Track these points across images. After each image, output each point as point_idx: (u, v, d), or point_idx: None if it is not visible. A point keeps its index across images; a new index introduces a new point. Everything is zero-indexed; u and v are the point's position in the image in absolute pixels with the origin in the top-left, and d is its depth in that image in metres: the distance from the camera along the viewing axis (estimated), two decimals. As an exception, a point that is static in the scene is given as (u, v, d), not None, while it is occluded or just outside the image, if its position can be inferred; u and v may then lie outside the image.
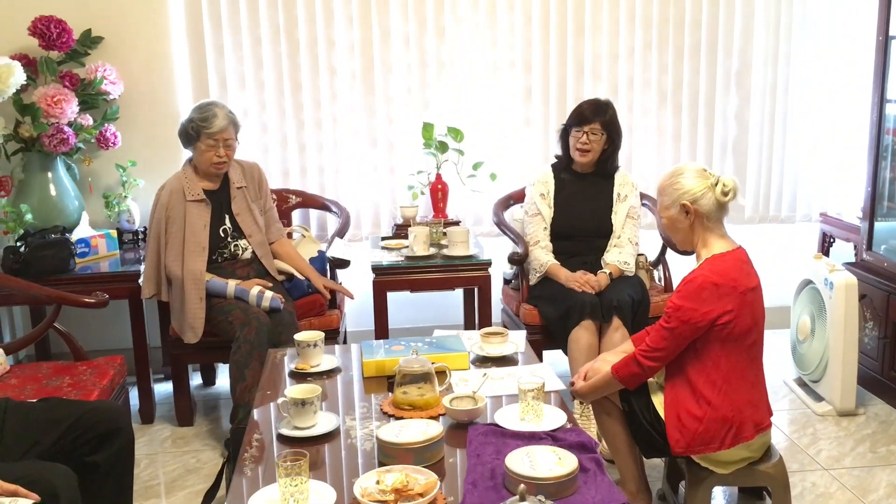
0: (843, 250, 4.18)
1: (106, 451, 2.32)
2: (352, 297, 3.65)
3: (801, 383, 3.84)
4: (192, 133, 3.33)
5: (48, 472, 1.99)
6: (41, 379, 2.95)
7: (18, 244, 3.47)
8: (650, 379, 2.49)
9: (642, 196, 4.01)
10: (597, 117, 3.52)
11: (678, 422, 2.39)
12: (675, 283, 3.66)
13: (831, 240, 4.23)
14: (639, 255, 3.67)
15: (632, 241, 3.57)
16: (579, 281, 3.39)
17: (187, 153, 3.48)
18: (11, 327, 4.00)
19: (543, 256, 3.54)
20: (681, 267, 3.32)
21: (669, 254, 3.79)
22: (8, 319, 3.97)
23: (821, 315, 3.57)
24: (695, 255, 2.50)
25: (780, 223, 4.56)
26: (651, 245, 3.90)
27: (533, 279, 3.59)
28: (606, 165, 3.62)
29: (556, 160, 3.72)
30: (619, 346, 2.76)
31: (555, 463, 1.86)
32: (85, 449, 2.30)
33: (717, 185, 2.43)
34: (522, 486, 1.64)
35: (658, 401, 2.46)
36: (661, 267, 3.88)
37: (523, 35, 4.22)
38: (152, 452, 3.40)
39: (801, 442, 3.34)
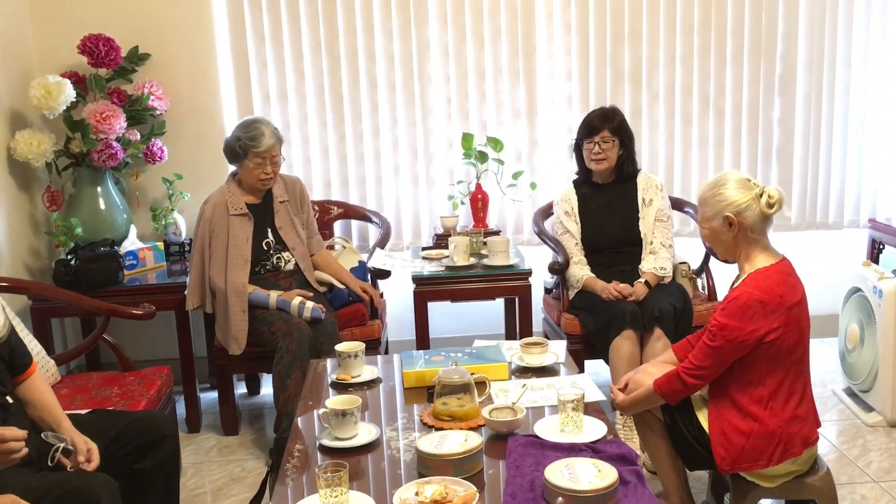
0: (894, 257, 4.09)
1: (151, 458, 2.37)
2: (378, 303, 3.67)
3: (851, 393, 3.76)
4: (239, 151, 3.39)
5: (90, 481, 2.04)
6: (91, 389, 3.02)
7: (69, 257, 3.56)
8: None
9: (684, 203, 3.98)
10: (605, 125, 3.53)
11: (724, 438, 2.34)
12: (719, 290, 3.64)
13: (881, 246, 4.14)
14: (681, 263, 3.63)
15: (665, 245, 3.54)
16: (608, 290, 3.38)
17: (231, 166, 3.54)
18: (63, 338, 4.10)
19: (579, 272, 3.54)
20: (724, 275, 3.28)
21: (713, 261, 3.74)
22: (59, 331, 4.06)
23: (870, 323, 3.50)
24: (737, 266, 2.45)
25: (827, 229, 4.48)
26: (694, 253, 3.86)
27: (571, 293, 3.58)
28: (624, 170, 3.60)
29: (575, 176, 3.72)
30: (661, 357, 2.73)
31: (594, 475, 1.85)
32: (131, 457, 2.35)
33: (762, 196, 2.35)
34: (561, 499, 1.64)
35: (702, 415, 2.42)
36: (704, 275, 3.83)
37: (563, 43, 4.21)
38: (198, 461, 3.45)
39: (851, 453, 3.27)
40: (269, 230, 3.51)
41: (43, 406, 2.29)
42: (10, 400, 2.24)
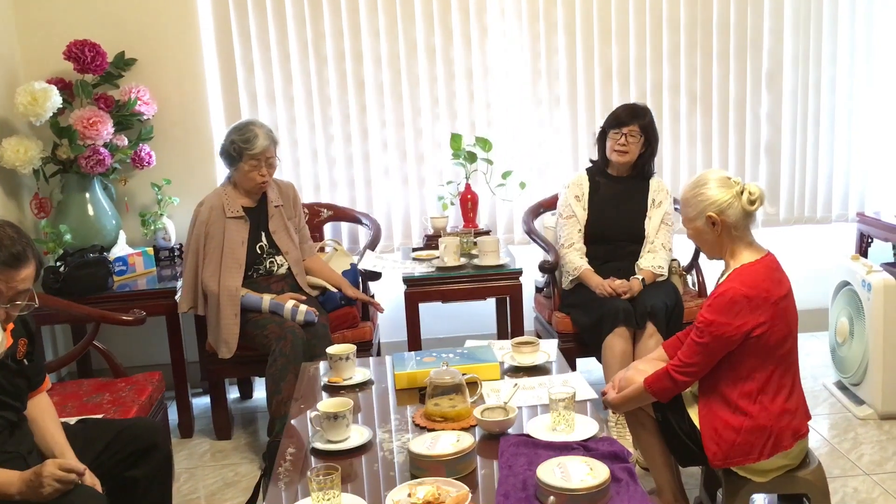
0: (882, 250, 4.11)
1: (143, 466, 2.36)
2: (381, 311, 3.67)
3: (842, 386, 3.77)
4: (234, 154, 3.38)
5: (78, 497, 2.02)
6: (82, 396, 3.01)
7: (58, 264, 3.55)
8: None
9: (674, 200, 3.99)
10: (635, 120, 3.54)
11: (715, 434, 2.35)
12: (709, 287, 3.65)
13: (869, 240, 4.16)
14: (672, 260, 3.65)
15: (665, 247, 3.56)
16: (603, 286, 3.39)
17: (221, 170, 3.54)
18: (53, 345, 4.09)
19: (577, 260, 3.54)
20: (714, 271, 3.29)
21: (702, 258, 3.75)
22: (50, 338, 4.05)
23: (859, 317, 3.52)
24: (723, 262, 2.46)
25: (815, 224, 4.50)
26: (684, 250, 3.87)
27: (566, 283, 3.58)
28: (643, 169, 3.62)
29: (591, 164, 3.73)
30: (651, 354, 2.74)
31: (586, 473, 1.85)
32: (123, 465, 2.34)
33: (742, 193, 2.36)
34: (552, 498, 1.64)
35: (693, 411, 2.43)
36: (694, 272, 3.85)
37: (550, 43, 4.22)
38: (192, 466, 3.45)
39: (843, 447, 3.29)
40: (264, 234, 3.51)
41: (46, 431, 2.27)
42: (22, 416, 2.24)
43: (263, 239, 3.50)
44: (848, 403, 3.63)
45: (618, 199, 3.62)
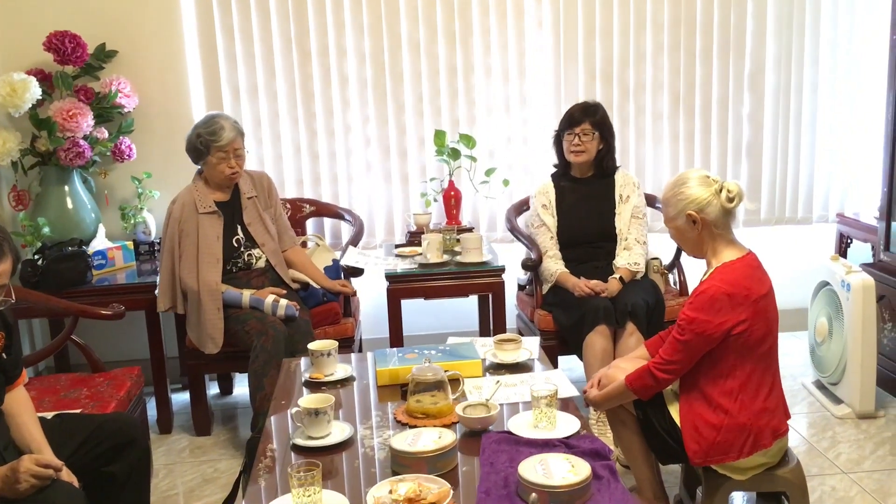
0: (861, 251, 4.14)
1: (121, 462, 2.34)
2: (352, 293, 3.63)
3: (820, 386, 3.81)
4: (201, 148, 3.36)
5: (54, 492, 2.00)
6: (59, 391, 2.98)
7: (36, 257, 3.51)
8: (665, 387, 2.48)
9: (655, 199, 4.00)
10: (586, 117, 3.54)
11: (695, 432, 2.37)
12: (691, 286, 3.67)
13: (849, 240, 4.19)
14: (653, 258, 3.66)
15: (639, 241, 3.57)
16: (580, 287, 3.40)
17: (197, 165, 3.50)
18: (31, 339, 4.04)
19: (553, 266, 3.55)
20: (696, 270, 3.31)
21: (684, 257, 3.77)
22: (27, 332, 4.00)
23: (838, 317, 3.54)
24: (705, 261, 2.48)
25: (796, 224, 4.53)
26: (665, 249, 3.88)
27: (545, 288, 3.59)
28: (603, 165, 3.62)
29: (554, 170, 3.73)
30: (634, 352, 2.75)
31: (568, 470, 1.85)
32: (101, 461, 2.32)
33: (721, 191, 2.39)
34: (534, 495, 1.64)
35: (674, 409, 2.44)
36: (675, 270, 3.86)
37: (534, 40, 4.22)
38: (170, 462, 3.42)
39: (821, 445, 3.31)
40: (239, 227, 3.49)
41: (23, 425, 2.24)
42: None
43: (240, 232, 3.48)
44: (826, 402, 3.66)
45: (585, 200, 3.63)
